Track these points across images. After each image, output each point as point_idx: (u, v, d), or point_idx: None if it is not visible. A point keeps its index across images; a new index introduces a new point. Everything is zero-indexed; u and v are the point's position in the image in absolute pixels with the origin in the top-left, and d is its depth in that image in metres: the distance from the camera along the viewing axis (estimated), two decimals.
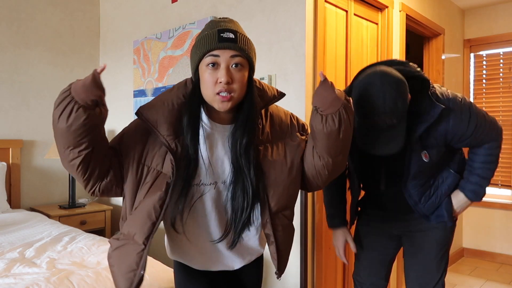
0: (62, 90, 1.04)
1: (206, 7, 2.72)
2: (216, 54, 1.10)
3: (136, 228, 1.15)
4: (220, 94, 1.10)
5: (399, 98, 1.30)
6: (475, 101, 4.21)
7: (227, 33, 1.11)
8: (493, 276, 3.64)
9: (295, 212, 2.20)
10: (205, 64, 1.11)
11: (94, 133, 1.07)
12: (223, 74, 1.09)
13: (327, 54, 2.38)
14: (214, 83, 1.10)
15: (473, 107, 1.49)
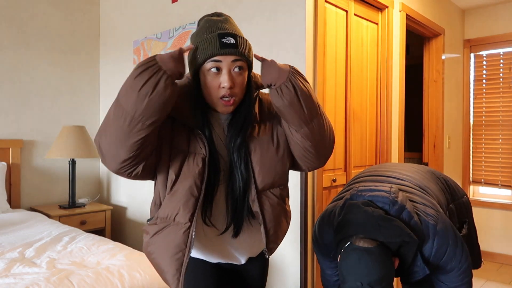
0: (145, 60, 1.05)
1: (206, 7, 2.72)
2: (218, 60, 1.12)
3: (177, 208, 1.16)
4: (223, 99, 1.14)
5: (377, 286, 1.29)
6: (475, 101, 4.22)
7: (227, 38, 1.13)
8: (493, 276, 3.64)
9: (295, 212, 2.21)
10: (206, 69, 1.13)
11: (167, 108, 1.08)
12: (225, 79, 1.12)
13: (327, 54, 2.38)
14: (217, 88, 1.13)
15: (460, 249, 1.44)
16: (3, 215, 2.80)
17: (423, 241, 1.40)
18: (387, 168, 1.70)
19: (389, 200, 1.40)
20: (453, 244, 1.41)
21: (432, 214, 1.43)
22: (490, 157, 4.14)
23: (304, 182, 2.18)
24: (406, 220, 1.38)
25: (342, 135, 2.52)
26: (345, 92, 2.54)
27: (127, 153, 1.08)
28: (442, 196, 1.65)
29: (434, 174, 1.76)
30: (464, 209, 1.76)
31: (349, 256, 1.32)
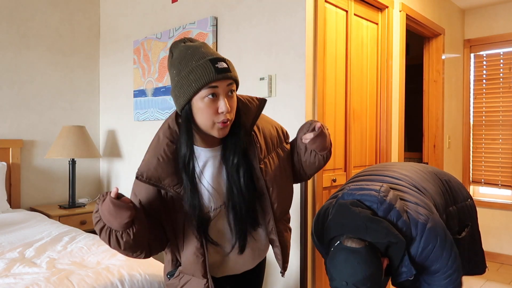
0: (94, 218, 1.11)
1: (206, 7, 2.72)
2: (215, 86, 1.11)
3: (191, 270, 1.26)
4: (222, 123, 1.14)
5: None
6: (475, 101, 4.22)
7: (220, 63, 1.12)
8: (493, 276, 3.64)
9: (295, 212, 2.21)
10: (202, 97, 1.12)
11: (143, 238, 1.16)
12: (223, 105, 1.12)
13: (327, 54, 2.38)
14: (215, 114, 1.13)
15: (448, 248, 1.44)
16: (3, 215, 2.80)
17: (410, 240, 1.40)
18: (386, 168, 1.70)
19: (377, 199, 1.41)
20: (441, 245, 1.41)
21: (424, 213, 1.43)
22: (490, 157, 4.14)
23: (304, 182, 2.18)
24: (393, 219, 1.39)
25: (342, 135, 2.52)
26: (345, 92, 2.54)
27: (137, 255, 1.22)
28: (440, 198, 1.63)
29: (436, 175, 1.74)
30: (468, 212, 1.74)
31: (337, 256, 1.35)
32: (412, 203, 1.46)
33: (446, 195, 1.70)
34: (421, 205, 1.46)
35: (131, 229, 1.10)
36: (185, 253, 1.24)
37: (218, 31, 2.64)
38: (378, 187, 1.46)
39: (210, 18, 2.63)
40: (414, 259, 1.42)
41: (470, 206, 1.77)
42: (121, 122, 3.50)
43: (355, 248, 1.33)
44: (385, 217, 1.39)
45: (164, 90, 2.99)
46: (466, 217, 1.73)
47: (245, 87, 2.47)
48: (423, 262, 1.42)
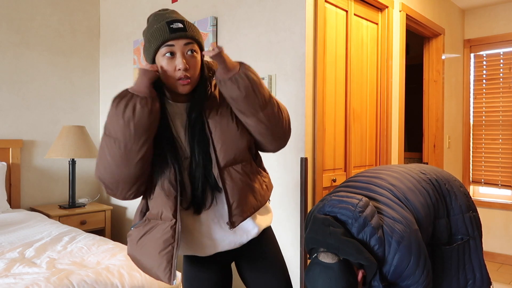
0: (118, 93, 1.18)
1: (206, 7, 2.72)
2: (171, 44, 1.21)
3: (161, 208, 1.26)
4: (180, 80, 1.23)
5: None
6: (475, 101, 4.22)
7: (176, 24, 1.22)
8: (493, 276, 3.64)
9: (295, 212, 2.21)
10: (161, 55, 1.22)
11: (153, 125, 1.20)
12: (180, 62, 1.21)
13: (327, 54, 2.38)
14: (173, 71, 1.22)
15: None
16: (3, 215, 2.80)
17: (383, 258, 1.42)
18: (377, 174, 1.68)
19: (352, 215, 1.42)
20: (414, 263, 1.42)
21: (400, 229, 1.43)
22: (490, 157, 4.14)
23: (304, 182, 2.18)
24: (366, 237, 1.40)
25: (342, 135, 2.52)
26: (345, 92, 2.54)
27: (131, 176, 1.20)
28: (426, 209, 1.60)
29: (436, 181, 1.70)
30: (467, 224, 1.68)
31: (311, 270, 1.39)
32: (390, 218, 1.46)
33: (438, 205, 1.65)
34: (398, 220, 1.46)
35: (150, 102, 1.16)
36: (156, 191, 1.27)
37: (218, 31, 2.64)
38: (357, 201, 1.46)
39: (210, 18, 2.63)
40: (386, 277, 1.44)
41: (472, 219, 1.71)
42: None
43: (328, 263, 1.36)
44: (357, 234, 1.41)
45: None
46: (463, 229, 1.67)
47: None
48: (395, 279, 1.44)
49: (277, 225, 2.32)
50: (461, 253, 1.67)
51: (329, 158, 2.41)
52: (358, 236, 1.41)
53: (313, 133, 2.25)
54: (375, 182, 1.62)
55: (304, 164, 2.17)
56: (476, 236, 1.71)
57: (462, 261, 1.67)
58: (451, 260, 1.65)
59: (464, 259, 1.68)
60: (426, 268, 1.44)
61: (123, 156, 1.16)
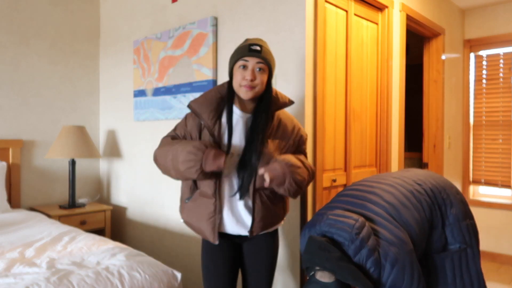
0: (198, 146, 1.55)
1: (206, 7, 2.72)
2: (246, 59, 1.59)
3: (206, 189, 1.66)
4: (244, 86, 1.59)
5: None
6: (475, 101, 4.22)
7: (255, 46, 1.60)
8: (493, 276, 3.64)
9: (295, 212, 2.21)
10: (237, 66, 1.61)
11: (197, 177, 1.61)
12: (249, 73, 1.59)
13: (327, 54, 2.38)
14: (242, 79, 1.59)
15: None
16: (3, 215, 2.80)
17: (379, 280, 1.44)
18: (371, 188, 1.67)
19: (349, 237, 1.43)
20: (408, 283, 1.44)
21: (394, 253, 1.44)
22: (490, 157, 4.14)
23: None
24: (363, 260, 1.42)
25: (342, 135, 2.52)
26: (345, 92, 2.54)
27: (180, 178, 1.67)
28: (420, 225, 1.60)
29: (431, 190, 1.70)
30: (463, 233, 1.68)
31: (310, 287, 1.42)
32: (384, 241, 1.47)
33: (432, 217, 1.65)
34: (392, 242, 1.46)
35: (196, 175, 1.56)
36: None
37: (218, 31, 2.64)
38: (353, 221, 1.47)
39: (210, 18, 2.63)
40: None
41: (469, 226, 1.70)
42: (121, 122, 3.50)
43: (326, 283, 1.40)
44: (354, 257, 1.42)
45: (164, 90, 2.99)
46: (460, 237, 1.67)
47: None
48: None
49: None
50: (457, 262, 1.67)
51: (329, 158, 2.41)
52: (354, 258, 1.43)
53: (313, 133, 2.25)
54: (370, 199, 1.61)
55: None
56: (473, 244, 1.70)
57: (459, 270, 1.67)
58: (445, 269, 1.66)
59: (461, 268, 1.68)
60: (421, 285, 1.47)
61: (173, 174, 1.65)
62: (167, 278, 1.93)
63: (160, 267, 1.99)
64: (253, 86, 1.58)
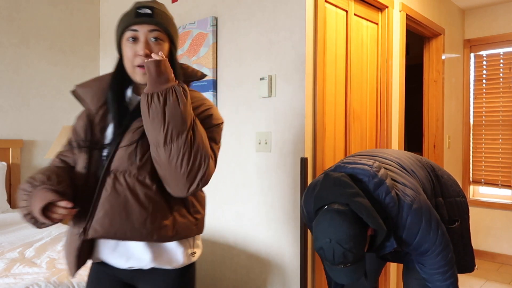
0: (24, 189, 1.12)
1: (206, 7, 2.72)
2: (134, 29, 1.15)
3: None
4: (139, 67, 1.15)
5: (348, 253, 1.33)
6: (475, 101, 4.22)
7: (143, 9, 1.16)
8: (493, 276, 3.64)
9: (295, 212, 2.21)
10: (125, 39, 1.17)
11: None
12: (141, 47, 1.14)
13: (327, 54, 2.38)
14: (133, 56, 1.16)
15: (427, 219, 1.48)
16: (3, 215, 2.80)
17: (396, 218, 1.45)
18: (376, 151, 1.74)
19: (369, 173, 1.45)
20: (426, 225, 1.44)
21: (410, 194, 1.46)
22: (490, 157, 4.14)
23: (304, 182, 2.18)
24: (382, 195, 1.43)
25: (342, 135, 2.52)
26: (345, 92, 2.54)
27: None
28: (428, 183, 1.66)
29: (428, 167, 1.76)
30: (457, 209, 1.75)
31: (323, 217, 1.39)
32: (400, 184, 1.49)
33: (434, 185, 1.72)
34: (408, 186, 1.49)
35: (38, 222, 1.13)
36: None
37: (218, 31, 2.64)
38: (371, 162, 1.50)
39: (210, 18, 2.63)
40: (401, 237, 1.46)
41: (461, 203, 1.78)
42: None
43: (341, 209, 1.38)
44: (374, 191, 1.43)
45: None
46: (455, 213, 1.75)
47: (245, 87, 2.47)
48: (411, 242, 1.46)
49: (277, 225, 2.32)
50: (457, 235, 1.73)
51: (329, 158, 2.41)
52: (374, 193, 1.43)
53: (313, 133, 2.25)
54: (378, 155, 1.67)
55: (304, 164, 2.17)
56: (466, 219, 1.79)
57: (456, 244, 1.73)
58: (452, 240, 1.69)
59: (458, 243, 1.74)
60: (440, 229, 1.47)
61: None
62: None
63: None
64: None
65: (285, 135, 2.27)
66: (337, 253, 1.33)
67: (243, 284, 2.48)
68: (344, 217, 1.35)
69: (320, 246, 1.37)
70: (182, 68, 1.26)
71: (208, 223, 2.69)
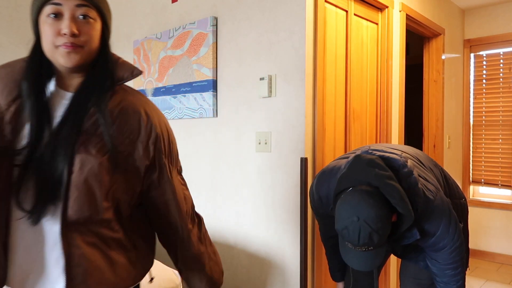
0: None
1: (206, 7, 2.72)
2: (57, 2, 0.90)
3: None
4: (63, 45, 0.90)
5: (374, 234, 1.29)
6: (475, 101, 4.22)
7: None
8: (493, 276, 3.64)
9: (295, 212, 2.21)
10: (44, 15, 0.91)
11: None
12: (66, 24, 0.90)
13: (327, 54, 2.38)
14: (56, 35, 0.90)
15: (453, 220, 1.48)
16: None
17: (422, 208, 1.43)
18: (394, 145, 1.72)
19: (400, 162, 1.42)
20: (447, 222, 1.44)
21: (432, 190, 1.46)
22: (490, 157, 4.14)
23: (304, 182, 2.18)
24: (411, 186, 1.40)
25: (342, 135, 2.52)
26: (345, 92, 2.54)
27: None
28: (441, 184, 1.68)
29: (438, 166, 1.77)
30: (460, 211, 1.76)
31: (351, 196, 1.34)
32: (422, 179, 1.48)
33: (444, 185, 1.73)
34: (429, 181, 1.49)
35: None
36: None
37: (218, 31, 2.64)
38: (399, 153, 1.48)
39: (210, 18, 2.63)
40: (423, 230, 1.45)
41: (463, 205, 1.79)
42: None
43: (369, 190, 1.33)
44: (404, 181, 1.40)
45: (164, 90, 2.99)
46: (459, 214, 1.76)
47: (245, 87, 2.47)
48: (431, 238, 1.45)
49: (277, 225, 2.32)
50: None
51: (329, 158, 2.41)
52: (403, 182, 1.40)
53: (313, 133, 2.25)
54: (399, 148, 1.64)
55: (304, 164, 2.17)
56: (466, 221, 1.80)
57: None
58: None
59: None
60: (458, 227, 1.46)
61: None
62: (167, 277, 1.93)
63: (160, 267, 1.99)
64: (78, 44, 0.91)
65: (285, 135, 2.27)
66: (363, 233, 1.28)
67: (243, 284, 2.48)
68: (375, 198, 1.30)
69: (344, 225, 1.31)
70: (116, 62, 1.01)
71: (208, 223, 2.69)
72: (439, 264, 1.49)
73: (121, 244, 0.97)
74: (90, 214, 0.89)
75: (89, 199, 0.88)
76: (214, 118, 2.66)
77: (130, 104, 0.98)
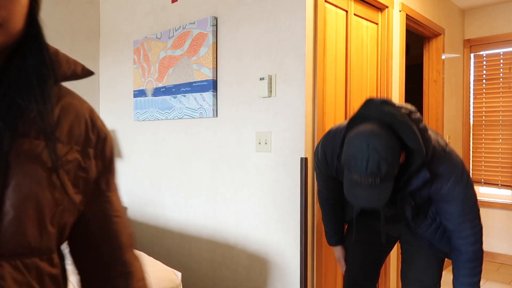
0: None
1: (206, 7, 2.72)
2: None
3: None
4: None
5: (383, 163, 1.26)
6: (475, 101, 4.22)
7: None
8: (493, 276, 3.64)
9: (295, 212, 2.21)
10: None
11: None
12: None
13: (327, 54, 2.38)
14: None
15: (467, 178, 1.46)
16: None
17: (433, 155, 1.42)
18: None
19: (412, 110, 1.42)
20: (459, 170, 1.42)
21: (442, 143, 1.48)
22: (490, 157, 4.14)
23: (304, 182, 2.18)
24: (422, 129, 1.39)
25: None
26: (345, 92, 2.54)
27: None
28: None
29: None
30: None
31: (363, 126, 1.32)
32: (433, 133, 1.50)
33: None
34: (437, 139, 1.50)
35: None
36: None
37: (218, 31, 2.64)
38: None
39: (210, 18, 2.63)
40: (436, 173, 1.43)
41: None
42: (121, 122, 3.50)
43: (382, 124, 1.32)
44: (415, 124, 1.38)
45: (164, 90, 2.99)
46: None
47: (245, 87, 2.47)
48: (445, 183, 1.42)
49: (277, 225, 2.32)
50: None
51: None
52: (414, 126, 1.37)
53: (313, 133, 2.25)
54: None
55: (304, 164, 2.17)
56: None
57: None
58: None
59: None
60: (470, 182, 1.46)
61: None
62: (167, 277, 1.93)
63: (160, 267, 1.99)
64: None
65: (285, 135, 2.27)
66: (372, 161, 1.25)
67: (243, 284, 2.48)
68: (386, 130, 1.29)
69: (353, 152, 1.28)
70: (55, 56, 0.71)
71: (208, 223, 2.69)
72: (454, 218, 1.44)
73: (57, 282, 0.72)
74: (29, 241, 0.64)
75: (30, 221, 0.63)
76: (214, 118, 2.66)
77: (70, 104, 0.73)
